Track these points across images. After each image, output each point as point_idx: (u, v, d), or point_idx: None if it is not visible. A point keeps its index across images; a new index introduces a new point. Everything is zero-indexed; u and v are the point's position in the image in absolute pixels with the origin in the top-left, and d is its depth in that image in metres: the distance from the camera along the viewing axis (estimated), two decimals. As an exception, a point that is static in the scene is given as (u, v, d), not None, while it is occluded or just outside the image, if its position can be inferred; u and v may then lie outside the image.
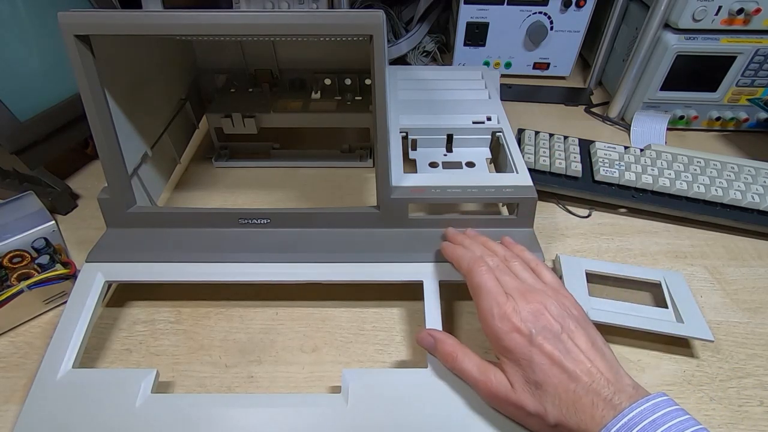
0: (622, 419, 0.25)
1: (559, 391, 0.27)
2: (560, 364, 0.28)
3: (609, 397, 0.26)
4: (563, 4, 0.68)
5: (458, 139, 0.48)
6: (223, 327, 0.39)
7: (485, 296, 0.31)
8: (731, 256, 0.46)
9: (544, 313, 0.30)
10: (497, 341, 0.30)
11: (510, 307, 0.30)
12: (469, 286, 0.33)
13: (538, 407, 0.28)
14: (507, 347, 0.29)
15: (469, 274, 0.33)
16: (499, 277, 0.32)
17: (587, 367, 0.28)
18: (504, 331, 0.29)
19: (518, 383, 0.29)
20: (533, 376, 0.28)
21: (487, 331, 0.31)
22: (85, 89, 0.35)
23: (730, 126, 0.63)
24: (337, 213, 0.41)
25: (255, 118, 0.53)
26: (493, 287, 0.31)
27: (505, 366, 0.30)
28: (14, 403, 0.33)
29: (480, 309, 0.31)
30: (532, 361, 0.28)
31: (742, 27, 0.56)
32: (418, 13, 0.76)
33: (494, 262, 0.34)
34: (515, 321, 0.29)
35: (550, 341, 0.29)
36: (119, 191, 0.39)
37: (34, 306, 0.39)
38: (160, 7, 0.62)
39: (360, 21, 0.32)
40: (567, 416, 0.27)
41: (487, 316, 0.30)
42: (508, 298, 0.31)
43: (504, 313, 0.30)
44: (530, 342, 0.29)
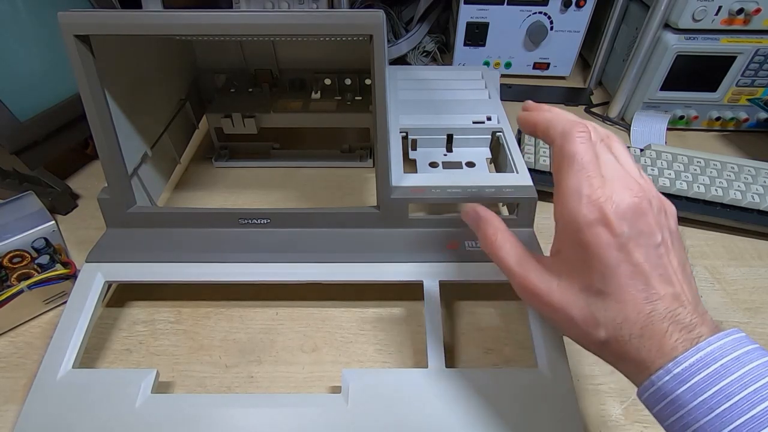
0: (698, 353, 0.21)
1: (627, 309, 0.23)
2: (647, 279, 0.23)
3: (689, 327, 0.22)
4: (563, 4, 0.68)
5: (458, 139, 0.48)
6: (223, 327, 0.39)
7: (577, 170, 0.24)
8: (731, 256, 0.46)
9: (646, 215, 0.24)
10: (573, 230, 0.24)
11: (606, 193, 0.24)
12: (556, 157, 0.26)
13: (587, 318, 0.24)
14: (584, 241, 0.24)
15: (563, 138, 0.26)
16: (599, 153, 0.26)
17: (675, 290, 0.23)
18: (588, 221, 0.23)
19: (572, 285, 0.24)
20: (601, 284, 0.23)
21: (562, 214, 0.25)
22: (85, 89, 0.35)
23: (730, 126, 0.63)
24: (337, 213, 0.41)
25: (255, 118, 0.53)
26: (591, 161, 0.25)
27: (563, 261, 0.25)
28: (14, 403, 0.34)
29: (563, 186, 0.25)
30: (611, 268, 0.23)
31: (742, 27, 0.56)
32: (418, 13, 0.76)
33: (598, 135, 0.27)
34: (608, 212, 0.23)
35: (643, 250, 0.23)
36: (119, 191, 0.39)
37: (34, 306, 0.39)
38: (160, 7, 0.62)
39: (360, 21, 0.32)
40: (626, 338, 0.23)
41: (572, 196, 0.24)
42: (605, 183, 0.24)
43: (596, 198, 0.24)
44: (619, 245, 0.23)
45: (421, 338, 0.38)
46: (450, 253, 0.39)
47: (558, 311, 0.25)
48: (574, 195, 0.24)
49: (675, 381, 0.21)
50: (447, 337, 0.38)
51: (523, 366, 0.36)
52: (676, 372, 0.21)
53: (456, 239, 0.40)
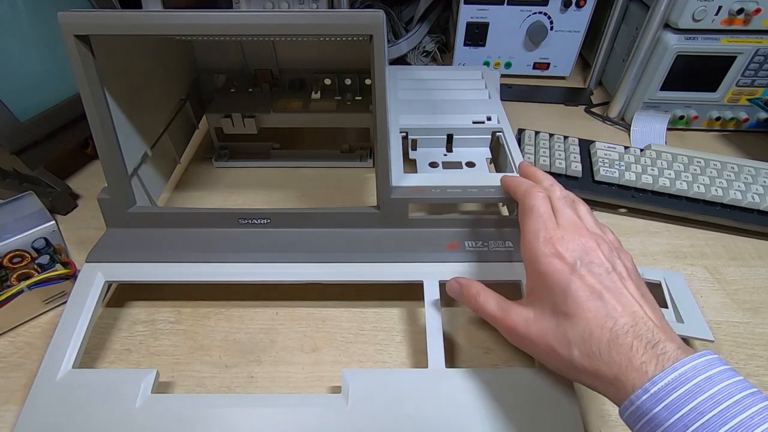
0: (672, 373, 0.22)
1: (591, 327, 0.25)
2: (601, 297, 0.25)
3: (653, 343, 0.23)
4: (563, 4, 0.68)
5: (458, 139, 0.48)
6: (223, 327, 0.39)
7: (535, 218, 0.29)
8: (731, 256, 0.46)
9: (595, 251, 0.27)
10: (534, 263, 0.28)
11: (559, 234, 0.28)
12: (521, 210, 0.31)
13: (560, 339, 0.26)
14: (543, 271, 0.27)
15: (525, 196, 0.31)
16: (560, 208, 0.30)
17: (632, 308, 0.25)
18: (544, 254, 0.28)
19: (544, 314, 0.27)
20: (564, 306, 0.26)
21: (525, 253, 0.29)
22: (85, 89, 0.35)
23: (730, 126, 0.63)
24: (337, 213, 0.41)
25: (255, 118, 0.53)
26: (546, 212, 0.30)
27: (534, 294, 0.28)
28: (14, 403, 0.33)
29: (525, 231, 0.30)
30: (568, 289, 0.26)
31: (742, 27, 0.56)
32: (418, 13, 0.76)
33: (561, 194, 0.32)
34: (560, 248, 0.27)
35: (594, 274, 0.26)
36: (119, 191, 0.39)
37: (34, 306, 0.39)
38: (160, 7, 0.62)
39: (360, 21, 0.32)
40: (596, 354, 0.24)
41: (531, 237, 0.29)
42: (559, 227, 0.29)
43: (550, 237, 0.28)
44: (572, 269, 0.26)
45: (421, 338, 0.38)
46: (450, 253, 0.39)
47: (537, 341, 0.27)
48: (533, 236, 0.29)
49: (652, 400, 0.22)
50: (447, 337, 0.38)
51: (523, 366, 0.36)
52: (653, 391, 0.22)
53: (456, 239, 0.40)
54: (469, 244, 0.39)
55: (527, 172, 0.37)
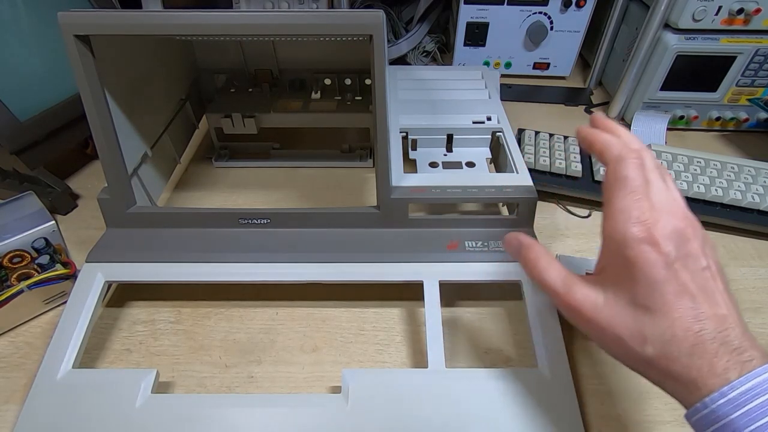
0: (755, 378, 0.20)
1: (675, 328, 0.23)
2: (692, 297, 0.23)
3: (739, 350, 0.22)
4: (563, 4, 0.68)
5: (458, 139, 0.48)
6: (223, 327, 0.39)
7: (628, 193, 0.26)
8: (731, 256, 0.46)
9: (691, 240, 0.25)
10: (619, 246, 0.25)
11: (654, 217, 0.25)
12: (609, 177, 0.27)
13: (634, 334, 0.24)
14: (630, 258, 0.24)
15: (617, 162, 0.27)
16: (650, 180, 0.26)
17: (723, 312, 0.23)
18: (635, 238, 0.24)
19: (618, 302, 0.25)
20: (648, 300, 0.24)
21: (611, 232, 0.26)
22: (85, 89, 0.35)
23: (730, 126, 0.63)
24: (337, 213, 0.41)
25: (255, 118, 0.53)
26: (641, 187, 0.26)
27: (608, 278, 0.26)
28: (14, 403, 0.33)
29: (612, 205, 0.26)
30: (657, 284, 0.24)
31: (742, 27, 0.56)
32: (418, 13, 0.76)
33: (653, 163, 0.28)
34: (655, 233, 0.24)
35: (689, 270, 0.24)
36: (119, 191, 0.39)
37: (34, 306, 0.39)
38: (160, 7, 0.62)
39: (360, 21, 0.32)
40: (675, 356, 0.23)
41: (620, 215, 0.25)
42: (654, 207, 0.25)
43: (644, 219, 0.25)
44: (666, 263, 0.24)
45: (421, 338, 0.38)
46: (450, 253, 0.39)
47: (605, 328, 0.25)
48: (623, 215, 0.25)
49: (730, 405, 0.21)
50: (447, 337, 0.38)
51: (523, 366, 0.36)
52: (731, 396, 0.21)
53: (456, 239, 0.40)
54: (469, 244, 0.39)
55: (607, 127, 0.30)
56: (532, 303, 0.36)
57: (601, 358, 0.37)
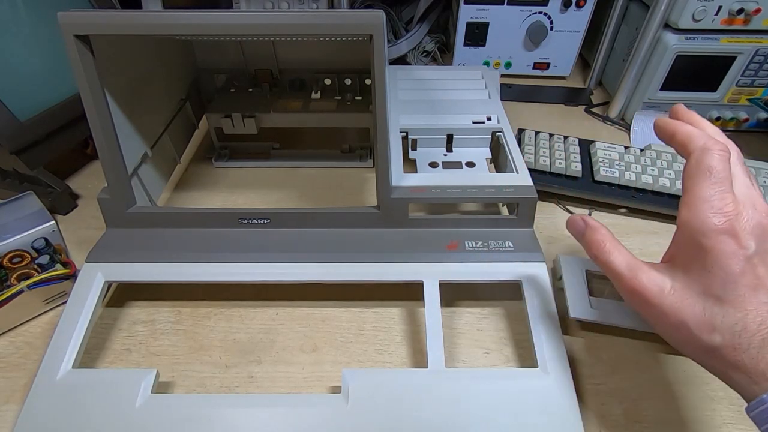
0: None
1: (747, 321, 0.23)
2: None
3: None
4: (563, 4, 0.68)
5: (458, 139, 0.48)
6: (223, 327, 0.39)
7: (711, 182, 0.25)
8: (731, 256, 0.46)
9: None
10: (698, 235, 0.25)
11: (737, 209, 0.25)
12: (693, 167, 0.27)
13: (702, 323, 0.24)
14: (708, 246, 0.24)
15: (702, 153, 0.27)
16: (734, 173, 0.27)
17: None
18: (714, 228, 0.24)
19: (687, 290, 0.25)
20: (721, 290, 0.24)
21: (689, 219, 0.26)
22: (85, 89, 0.35)
23: (730, 126, 0.63)
24: (337, 213, 0.41)
25: (255, 118, 0.53)
26: (726, 179, 0.26)
27: (678, 265, 0.26)
28: (14, 403, 0.33)
29: (693, 194, 0.26)
30: (734, 276, 0.24)
31: (742, 27, 0.56)
32: (418, 13, 0.76)
33: (738, 158, 0.28)
34: (736, 225, 0.24)
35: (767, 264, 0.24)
36: (119, 191, 0.39)
37: (34, 306, 0.39)
38: (160, 7, 0.62)
39: (360, 21, 0.32)
40: (744, 347, 0.23)
41: (702, 204, 0.25)
42: (736, 199, 0.25)
43: (725, 209, 0.25)
44: (745, 257, 0.24)
45: (421, 338, 0.38)
46: (450, 253, 0.39)
47: (669, 314, 0.25)
48: (705, 204, 0.25)
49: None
50: (447, 337, 0.38)
51: (523, 366, 0.36)
52: None
53: (456, 239, 0.40)
54: (469, 244, 0.39)
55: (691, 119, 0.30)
56: (532, 303, 0.36)
57: (601, 358, 0.37)
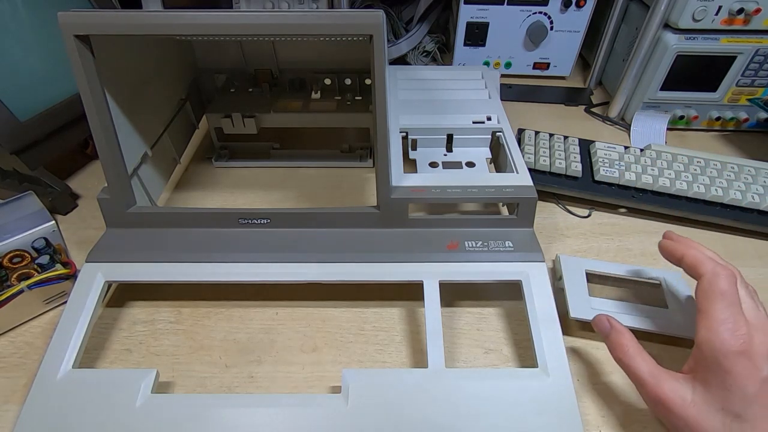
0: None
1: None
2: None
3: None
4: (563, 4, 0.68)
5: (458, 139, 0.48)
6: (223, 327, 0.39)
7: (726, 306, 0.28)
8: (731, 256, 0.46)
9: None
10: (717, 355, 0.27)
11: (751, 332, 0.27)
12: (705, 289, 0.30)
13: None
14: (726, 367, 0.27)
15: (713, 277, 0.30)
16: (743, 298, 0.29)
17: None
18: (732, 351, 0.27)
19: (708, 404, 0.27)
20: (739, 408, 0.26)
21: (707, 339, 0.28)
22: (85, 89, 0.35)
23: (730, 126, 0.63)
24: (337, 213, 0.41)
25: (255, 118, 0.53)
26: (737, 302, 0.28)
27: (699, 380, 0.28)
28: (14, 403, 0.33)
29: (710, 316, 0.28)
30: (751, 397, 0.26)
31: (742, 27, 0.56)
32: (418, 13, 0.76)
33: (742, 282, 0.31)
34: (751, 348, 0.27)
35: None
36: (119, 191, 0.39)
37: (34, 306, 0.39)
38: (160, 7, 0.62)
39: (360, 21, 0.32)
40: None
41: (718, 326, 0.27)
42: (748, 324, 0.28)
43: (741, 334, 0.27)
44: (762, 379, 0.26)
45: (421, 338, 0.38)
46: (450, 253, 0.39)
47: (691, 425, 0.27)
48: (720, 325, 0.28)
49: None
50: (447, 337, 0.38)
51: (523, 366, 0.36)
52: None
53: (456, 239, 0.40)
54: (469, 244, 0.39)
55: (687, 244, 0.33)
56: (532, 303, 0.36)
57: (601, 358, 0.37)
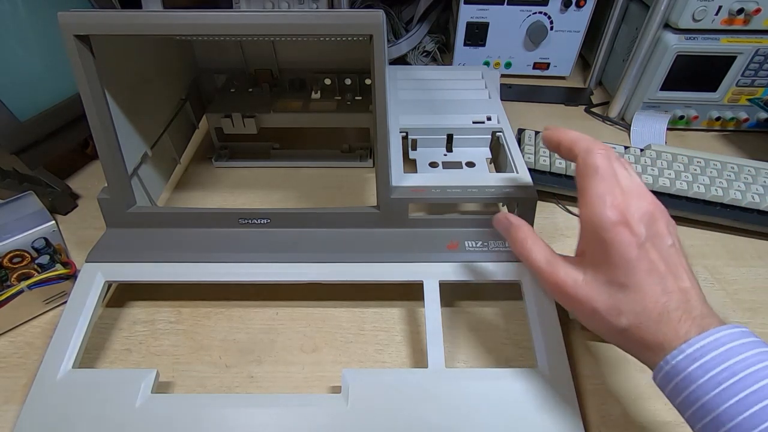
0: (709, 337, 0.24)
1: (646, 301, 0.26)
2: (660, 273, 0.26)
3: (699, 318, 0.25)
4: (563, 4, 0.68)
5: (458, 139, 0.48)
6: (223, 327, 0.39)
7: (600, 181, 0.28)
8: (731, 256, 0.46)
9: (659, 220, 0.28)
10: (598, 230, 0.28)
11: (626, 201, 0.28)
12: (581, 169, 0.30)
13: (611, 309, 0.27)
14: (607, 240, 0.27)
15: (587, 154, 0.30)
16: (616, 169, 0.29)
17: (686, 285, 0.26)
18: (611, 222, 0.27)
19: (596, 280, 0.28)
20: (623, 277, 0.27)
21: (588, 217, 0.28)
22: (85, 89, 0.35)
23: (730, 126, 0.63)
24: (337, 213, 0.41)
25: (255, 118, 0.53)
26: (612, 175, 0.29)
27: (587, 259, 0.29)
28: (14, 403, 0.33)
29: (588, 193, 0.29)
30: (631, 263, 0.26)
31: (742, 27, 0.56)
32: (418, 13, 0.76)
33: (615, 155, 0.30)
34: (628, 216, 0.27)
35: (658, 249, 0.27)
36: (119, 191, 0.39)
37: (34, 306, 0.39)
38: (160, 7, 0.62)
39: (360, 21, 0.32)
40: (645, 325, 0.26)
41: (597, 202, 0.28)
42: (623, 192, 0.28)
43: (618, 203, 0.27)
44: (638, 242, 0.27)
45: (421, 338, 0.38)
46: (450, 253, 0.39)
47: (583, 303, 0.28)
48: (599, 200, 0.28)
49: (688, 359, 0.24)
50: (447, 337, 0.38)
51: (523, 366, 0.36)
52: (689, 352, 0.24)
53: (456, 239, 0.40)
54: (469, 244, 0.39)
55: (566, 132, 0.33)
56: (532, 303, 0.36)
57: (601, 358, 0.37)
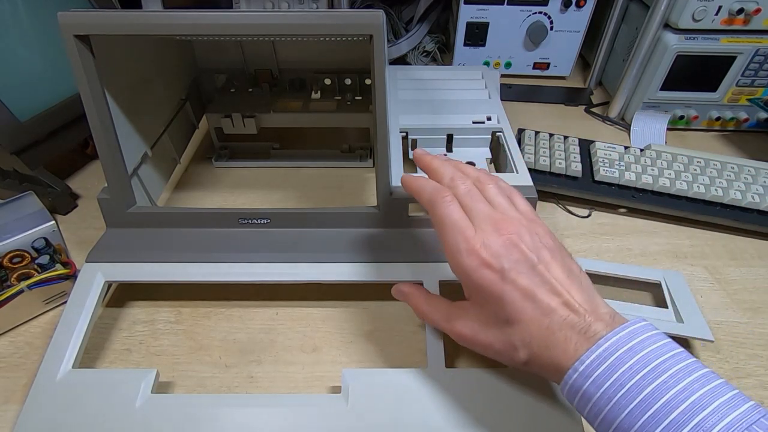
0: (597, 350, 0.24)
1: (531, 329, 0.26)
2: (533, 298, 0.26)
3: (584, 329, 0.25)
4: (563, 4, 0.68)
5: (458, 139, 0.48)
6: (223, 327, 0.39)
7: (450, 230, 0.29)
8: (731, 256, 0.46)
9: (518, 245, 0.27)
10: (466, 278, 0.28)
11: (479, 241, 0.27)
12: (433, 221, 0.30)
13: (506, 345, 0.27)
14: (477, 284, 0.27)
15: (431, 205, 0.30)
16: (469, 204, 0.29)
17: (563, 299, 0.26)
18: (472, 268, 0.27)
19: (487, 323, 0.28)
20: (503, 313, 0.27)
21: (454, 269, 0.29)
22: (85, 89, 0.35)
23: (730, 126, 0.63)
24: (337, 213, 0.41)
25: (255, 118, 0.53)
26: (459, 219, 0.29)
27: (475, 303, 0.29)
28: (14, 403, 0.33)
29: (445, 244, 0.29)
30: (503, 298, 0.27)
31: (742, 27, 0.56)
32: (418, 13, 0.76)
33: (465, 187, 0.31)
34: (485, 256, 0.27)
35: (524, 275, 0.27)
36: (119, 191, 0.39)
37: (34, 306, 0.39)
38: (160, 7, 0.62)
39: (360, 21, 0.32)
40: (539, 352, 0.26)
41: (454, 253, 0.28)
42: (476, 231, 0.28)
43: (472, 248, 0.27)
44: (502, 278, 0.27)
45: (421, 338, 0.38)
46: (450, 253, 0.39)
47: (486, 347, 0.29)
48: (455, 251, 0.28)
49: (581, 377, 0.24)
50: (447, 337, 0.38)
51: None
52: (581, 370, 0.24)
53: (456, 239, 0.40)
54: (469, 244, 0.39)
55: (425, 164, 0.34)
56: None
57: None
